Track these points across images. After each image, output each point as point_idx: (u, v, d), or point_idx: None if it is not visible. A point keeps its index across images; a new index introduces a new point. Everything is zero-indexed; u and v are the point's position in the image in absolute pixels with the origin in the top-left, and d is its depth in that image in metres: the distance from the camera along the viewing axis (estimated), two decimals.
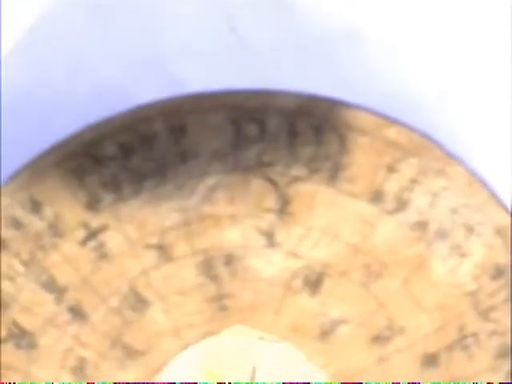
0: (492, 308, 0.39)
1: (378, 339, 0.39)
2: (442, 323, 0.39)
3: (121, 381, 0.39)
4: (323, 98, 0.39)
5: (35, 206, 0.39)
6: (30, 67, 0.40)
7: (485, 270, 0.39)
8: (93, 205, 0.39)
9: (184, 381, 0.40)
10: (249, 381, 0.39)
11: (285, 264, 0.38)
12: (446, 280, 0.39)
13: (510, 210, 0.40)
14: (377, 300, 0.39)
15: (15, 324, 0.39)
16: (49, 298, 0.39)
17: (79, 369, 0.39)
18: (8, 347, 0.40)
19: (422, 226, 0.39)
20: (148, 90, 0.40)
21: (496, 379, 0.39)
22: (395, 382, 0.41)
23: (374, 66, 0.39)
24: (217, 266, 0.39)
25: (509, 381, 0.39)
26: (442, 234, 0.39)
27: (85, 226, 0.39)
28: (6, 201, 0.40)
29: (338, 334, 0.39)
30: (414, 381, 0.39)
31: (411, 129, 0.39)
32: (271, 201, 0.39)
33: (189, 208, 0.39)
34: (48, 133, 0.41)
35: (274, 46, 0.39)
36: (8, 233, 0.40)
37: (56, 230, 0.39)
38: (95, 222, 0.38)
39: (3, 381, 0.40)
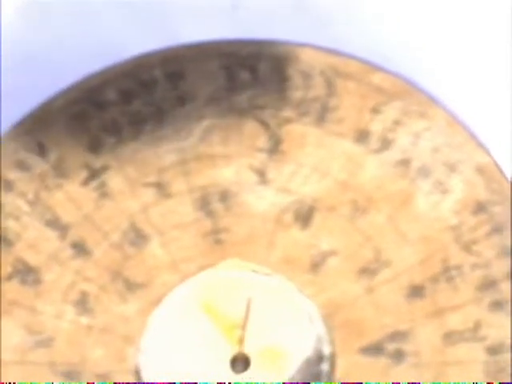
0: (474, 242, 0.41)
1: (366, 271, 0.40)
2: (426, 255, 0.41)
3: (120, 310, 0.41)
4: (312, 46, 0.41)
5: (40, 149, 0.41)
6: (31, 19, 0.42)
7: (466, 205, 0.41)
8: (95, 147, 0.41)
9: (181, 313, 0.41)
10: (245, 311, 0.41)
11: (276, 199, 0.40)
12: (430, 215, 0.41)
13: (488, 150, 0.41)
14: (364, 233, 0.40)
15: (20, 261, 0.41)
16: (53, 235, 0.41)
17: (81, 302, 0.40)
18: (13, 283, 0.41)
19: (405, 163, 0.41)
20: (148, 43, 0.42)
21: (479, 310, 0.41)
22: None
23: (360, 19, 0.42)
24: (212, 202, 0.40)
25: (492, 309, 0.41)
26: (424, 172, 0.41)
27: (87, 167, 0.40)
28: (11, 144, 0.41)
29: (327, 266, 0.40)
30: (401, 311, 0.41)
31: (395, 74, 0.41)
32: (263, 141, 0.41)
33: (186, 148, 0.41)
34: (51, 81, 0.43)
35: (267, 5, 0.41)
36: (14, 174, 0.41)
37: (60, 171, 0.41)
38: (97, 163, 0.40)
39: (8, 315, 0.42)
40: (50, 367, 0.41)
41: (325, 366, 0.41)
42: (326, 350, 0.41)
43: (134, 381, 0.41)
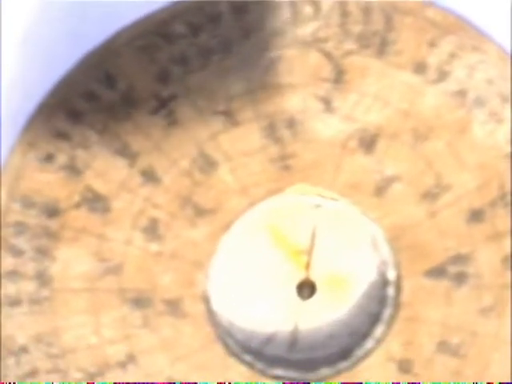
0: None
1: (428, 195, 0.41)
2: (483, 181, 0.41)
3: (190, 236, 0.40)
4: None
5: (109, 80, 0.41)
6: None
7: None
8: (163, 77, 0.41)
9: (249, 238, 0.41)
10: (310, 237, 0.41)
11: (341, 127, 0.41)
12: (486, 143, 0.41)
13: None
14: (425, 159, 0.41)
15: (89, 189, 0.41)
16: (122, 163, 0.40)
17: (151, 229, 0.40)
18: (82, 212, 0.41)
19: (461, 94, 0.41)
20: None
21: None
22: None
23: None
24: (279, 129, 0.41)
25: None
26: (479, 102, 0.41)
27: (156, 96, 0.40)
28: (80, 76, 0.41)
29: (391, 191, 0.41)
30: (462, 234, 0.41)
31: (448, 10, 0.42)
32: (327, 71, 0.41)
33: (252, 78, 0.41)
34: (117, 19, 0.43)
35: None
36: (83, 105, 0.41)
37: (128, 101, 0.41)
38: (165, 92, 0.40)
39: (77, 243, 0.41)
40: (119, 294, 0.40)
41: (390, 290, 0.41)
42: (391, 274, 0.41)
43: (204, 305, 0.40)
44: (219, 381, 0.40)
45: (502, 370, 0.42)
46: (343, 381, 0.41)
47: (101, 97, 0.41)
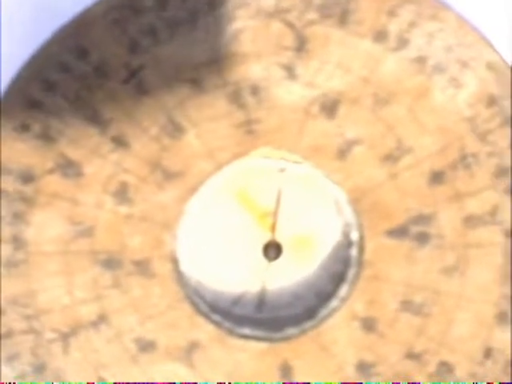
0: (488, 132, 0.42)
1: (389, 158, 0.42)
2: (444, 144, 0.42)
3: (158, 199, 0.41)
4: None
5: (82, 52, 0.42)
6: None
7: (479, 99, 0.42)
8: (133, 48, 0.42)
9: (216, 200, 0.42)
10: (275, 200, 0.42)
11: (303, 93, 0.42)
12: (446, 107, 0.43)
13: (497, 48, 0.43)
14: (386, 123, 0.42)
15: (62, 156, 0.42)
16: (93, 130, 0.41)
17: (121, 192, 0.41)
18: (56, 177, 0.42)
19: (421, 60, 0.43)
20: None
21: (495, 195, 0.42)
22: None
23: None
24: (244, 96, 0.42)
25: (507, 195, 0.43)
26: (439, 69, 0.43)
27: (126, 66, 0.42)
28: (54, 48, 0.42)
29: (353, 153, 0.42)
30: (423, 195, 0.42)
31: None
32: (290, 41, 0.42)
33: (218, 48, 0.42)
34: None
35: None
36: (56, 76, 0.42)
37: (101, 71, 0.42)
38: (135, 62, 0.42)
39: (50, 207, 0.42)
40: (90, 256, 0.41)
41: (353, 251, 0.42)
42: (354, 235, 0.42)
43: (172, 266, 0.41)
44: (186, 338, 0.41)
45: (465, 329, 0.42)
46: (308, 339, 0.41)
47: (74, 68, 0.42)
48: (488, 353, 0.43)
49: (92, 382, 0.41)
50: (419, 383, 0.41)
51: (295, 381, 0.42)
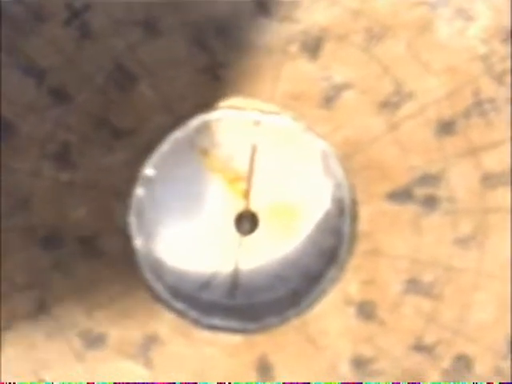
0: (507, 72, 0.34)
1: (387, 105, 0.35)
2: (454, 87, 0.36)
3: (106, 162, 0.33)
4: None
5: None
6: None
7: (494, 33, 0.34)
8: None
9: (176, 162, 0.34)
10: (249, 160, 0.33)
11: (279, 30, 0.34)
12: (454, 43, 0.34)
13: None
14: (381, 64, 0.35)
15: None
16: (29, 83, 0.33)
17: (61, 155, 0.33)
18: None
19: None
20: None
21: None
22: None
23: None
24: (208, 37, 0.34)
25: None
26: None
27: (68, 7, 0.36)
28: None
29: (342, 100, 0.35)
30: (430, 150, 0.34)
31: None
32: None
33: None
34: None
35: None
36: None
37: (38, 14, 0.34)
38: (78, 2, 0.34)
39: None
40: (26, 232, 0.34)
41: (346, 220, 0.33)
42: (347, 199, 0.33)
43: (124, 243, 0.33)
44: (143, 331, 0.33)
45: (485, 314, 0.34)
46: (292, 330, 0.33)
47: (8, 12, 0.35)
48: None
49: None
50: None
51: (276, 381, 0.34)
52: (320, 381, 0.37)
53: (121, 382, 0.38)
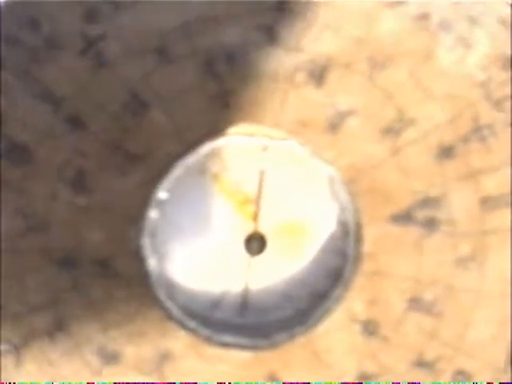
0: (505, 98, 0.35)
1: (390, 131, 0.36)
2: (454, 113, 0.36)
3: (120, 187, 0.34)
4: None
5: (33, 24, 0.35)
6: None
7: (493, 60, 0.36)
8: (91, 16, 0.36)
9: (187, 187, 0.35)
10: (258, 184, 0.35)
11: (286, 59, 0.35)
12: (455, 70, 0.35)
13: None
14: (384, 91, 0.36)
15: (9, 139, 0.35)
16: (45, 109, 0.34)
17: (78, 180, 0.34)
18: (2, 164, 0.35)
19: (424, 17, 0.36)
20: None
21: None
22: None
23: None
24: (217, 65, 0.35)
25: None
26: (445, 26, 0.36)
27: (83, 36, 0.36)
28: (3, 22, 0.36)
29: (346, 126, 0.35)
30: (430, 174, 0.35)
31: None
32: None
33: (187, 10, 0.35)
34: None
35: None
36: (3, 50, 0.35)
37: (53, 43, 0.35)
38: (93, 32, 0.35)
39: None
40: (44, 254, 0.35)
41: (350, 241, 0.34)
42: (352, 222, 0.34)
43: (138, 264, 0.34)
44: (157, 348, 0.34)
45: (485, 331, 0.35)
46: (299, 347, 0.34)
47: (23, 40, 0.35)
48: None
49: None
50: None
51: None
52: None
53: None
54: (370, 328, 0.38)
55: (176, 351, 0.38)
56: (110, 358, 0.38)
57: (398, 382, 0.39)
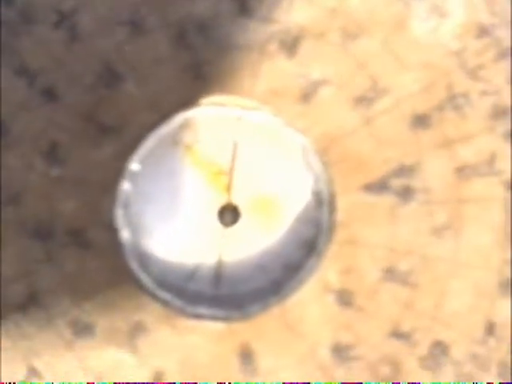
0: (480, 67, 0.34)
1: (363, 100, 0.35)
2: (428, 83, 0.36)
3: (94, 158, 0.34)
4: None
5: None
6: None
7: (468, 29, 0.35)
8: None
9: (161, 157, 0.35)
10: (231, 155, 0.34)
11: (258, 29, 0.35)
12: (429, 39, 0.35)
13: None
14: (357, 60, 0.35)
15: None
16: (20, 83, 0.35)
17: (52, 152, 0.34)
18: None
19: None
20: None
21: (492, 141, 0.34)
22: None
23: None
24: (190, 36, 0.35)
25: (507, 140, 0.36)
26: None
27: (56, 10, 0.36)
28: None
29: (319, 96, 0.35)
30: (405, 143, 0.35)
31: None
32: None
33: None
34: None
35: None
36: None
37: (28, 17, 0.35)
38: (66, 5, 0.35)
39: None
40: (17, 225, 0.34)
41: (325, 210, 0.34)
42: (325, 191, 0.34)
43: (111, 235, 0.34)
44: (130, 320, 0.34)
45: (461, 302, 0.35)
46: (273, 318, 0.34)
47: None
48: (490, 329, 0.36)
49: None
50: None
51: (257, 366, 0.35)
52: (300, 365, 0.38)
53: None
54: (344, 298, 0.37)
55: (149, 323, 0.37)
56: (83, 330, 0.37)
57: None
